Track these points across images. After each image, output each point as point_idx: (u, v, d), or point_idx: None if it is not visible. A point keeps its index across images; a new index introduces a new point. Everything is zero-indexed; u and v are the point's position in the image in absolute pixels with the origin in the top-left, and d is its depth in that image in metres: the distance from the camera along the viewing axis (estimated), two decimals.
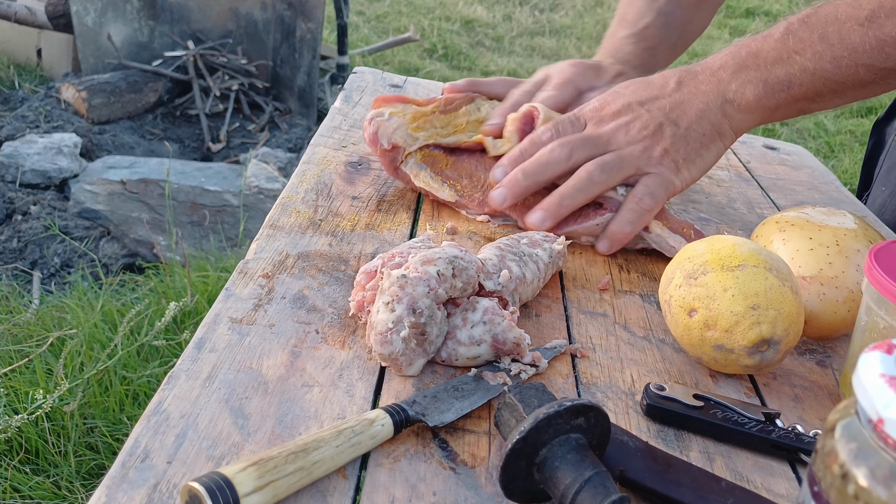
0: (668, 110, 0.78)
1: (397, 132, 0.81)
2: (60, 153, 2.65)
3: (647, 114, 0.78)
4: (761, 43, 0.77)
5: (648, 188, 0.77)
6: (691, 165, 0.79)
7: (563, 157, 0.77)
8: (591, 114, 0.81)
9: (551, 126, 0.80)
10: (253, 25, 3.46)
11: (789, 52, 0.75)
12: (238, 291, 0.63)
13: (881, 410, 0.34)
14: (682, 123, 0.78)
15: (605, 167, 0.76)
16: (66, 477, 1.51)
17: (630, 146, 0.77)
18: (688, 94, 0.79)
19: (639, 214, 0.77)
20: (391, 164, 0.83)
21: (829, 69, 0.74)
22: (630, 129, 0.78)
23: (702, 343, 0.60)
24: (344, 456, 0.47)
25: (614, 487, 0.43)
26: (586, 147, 0.78)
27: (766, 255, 0.61)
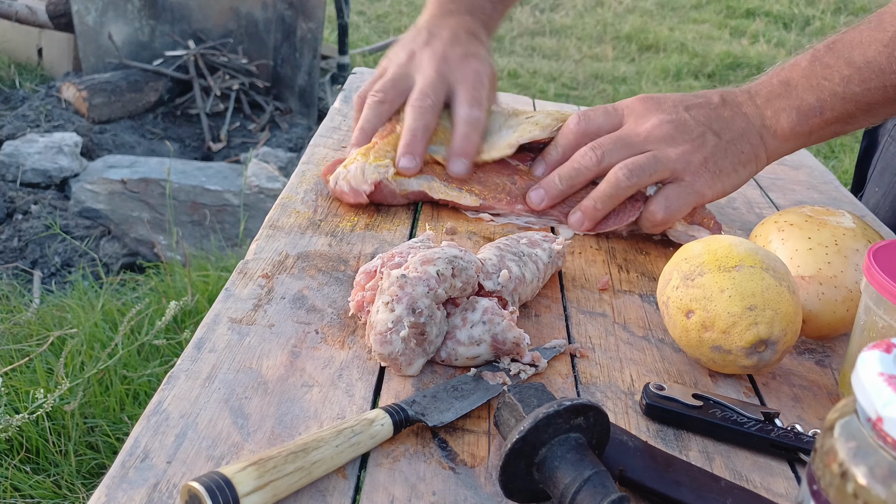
0: (713, 121, 0.78)
1: (367, 172, 0.79)
2: (61, 152, 2.66)
3: (692, 119, 0.78)
4: (790, 72, 0.79)
5: (667, 199, 0.77)
6: (725, 179, 0.78)
7: (594, 161, 0.78)
8: (633, 107, 0.80)
9: (581, 114, 0.81)
10: (253, 25, 3.46)
11: (818, 79, 0.76)
12: (238, 291, 0.63)
13: (880, 409, 0.34)
14: (724, 136, 0.78)
15: (634, 171, 0.76)
16: (67, 476, 1.51)
17: (669, 148, 0.77)
18: (731, 112, 0.79)
19: (650, 224, 0.79)
20: (391, 198, 0.81)
21: (858, 92, 0.75)
22: (672, 130, 0.77)
23: (700, 344, 0.60)
24: (343, 456, 0.47)
25: (614, 487, 0.44)
26: (620, 149, 0.78)
27: (762, 255, 0.61)
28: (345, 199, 0.80)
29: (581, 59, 5.19)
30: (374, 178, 0.78)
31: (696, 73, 5.07)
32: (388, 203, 0.82)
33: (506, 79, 4.67)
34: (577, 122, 0.81)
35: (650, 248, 0.82)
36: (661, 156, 0.77)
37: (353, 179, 0.79)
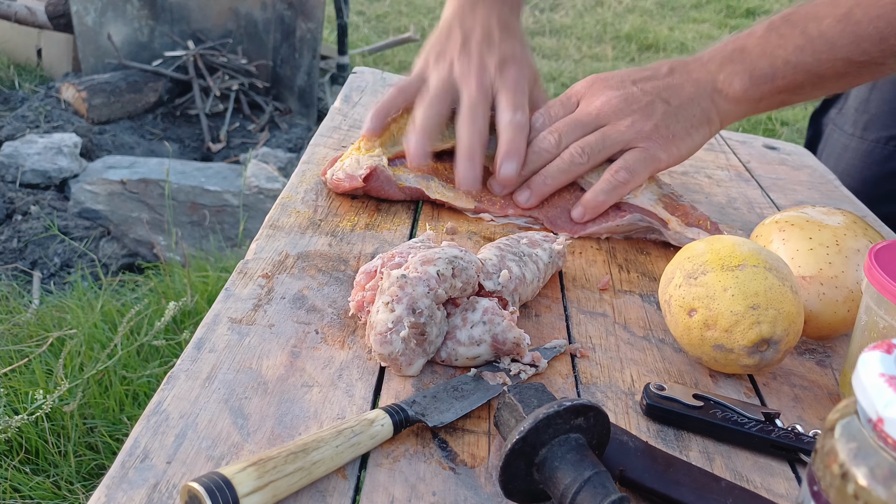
0: (661, 90, 0.81)
1: (361, 161, 0.81)
2: (60, 153, 2.66)
3: (640, 91, 0.81)
4: (745, 39, 0.82)
5: (627, 162, 0.80)
6: (680, 143, 0.81)
7: (553, 144, 0.81)
8: (583, 89, 0.84)
9: (544, 110, 0.84)
10: (253, 25, 3.46)
11: (772, 47, 0.79)
12: (238, 291, 0.63)
13: (881, 410, 0.34)
14: (673, 102, 0.81)
15: (586, 148, 0.80)
16: (66, 477, 1.51)
17: (619, 121, 0.80)
18: (679, 79, 0.82)
19: (613, 186, 0.80)
20: (389, 186, 0.81)
21: (809, 62, 0.78)
22: (620, 104, 0.80)
23: (701, 343, 0.60)
24: (343, 456, 0.47)
25: (614, 487, 0.43)
26: (575, 129, 0.81)
27: (765, 255, 0.61)
28: (341, 187, 0.81)
29: (581, 58, 5.19)
30: (370, 164, 0.80)
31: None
32: (385, 196, 0.82)
33: None
34: (541, 119, 0.83)
35: (651, 248, 0.82)
36: (610, 131, 0.80)
37: (348, 168, 0.81)
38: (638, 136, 0.80)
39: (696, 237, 0.80)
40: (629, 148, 0.80)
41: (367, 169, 0.80)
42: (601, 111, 0.81)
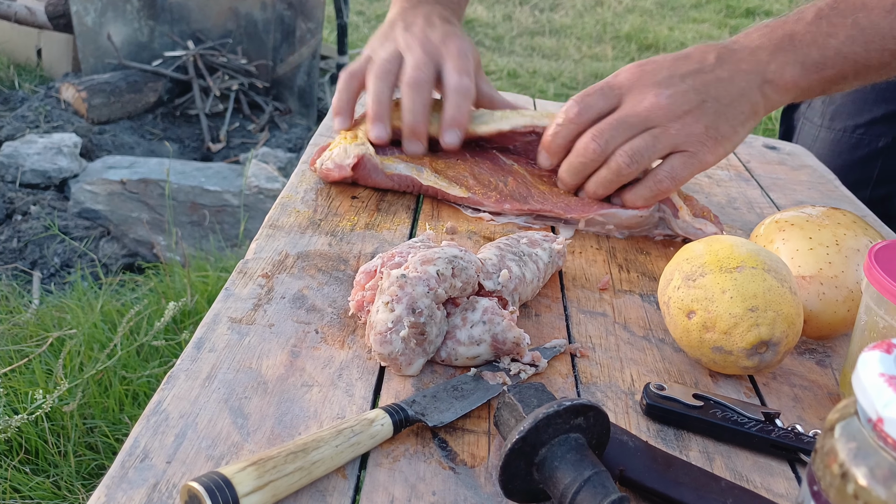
0: (711, 86, 0.78)
1: (349, 150, 0.82)
2: (60, 153, 2.65)
3: (690, 88, 0.78)
4: (794, 25, 0.79)
5: (673, 170, 0.78)
6: (727, 143, 0.79)
7: (599, 151, 0.78)
8: (628, 83, 0.80)
9: (580, 98, 0.80)
10: (253, 25, 3.46)
11: (823, 36, 0.78)
12: (238, 291, 0.63)
13: (881, 410, 0.34)
14: (724, 100, 0.78)
15: (634, 155, 0.77)
16: (66, 477, 1.51)
17: (669, 123, 0.77)
18: (729, 72, 0.79)
19: (654, 193, 0.79)
20: (376, 174, 0.83)
21: (860, 52, 0.78)
22: (671, 105, 0.77)
23: (701, 345, 0.60)
24: (343, 456, 0.47)
25: (614, 487, 0.43)
26: (621, 133, 0.78)
27: (764, 256, 0.61)
28: (330, 177, 0.82)
29: (581, 58, 5.19)
30: (357, 153, 0.81)
31: None
32: (373, 184, 0.83)
33: (505, 78, 4.67)
34: (576, 110, 0.80)
35: (651, 247, 0.82)
36: (660, 134, 0.77)
37: (336, 157, 0.82)
38: (688, 139, 0.77)
39: (702, 227, 0.80)
40: (677, 150, 0.78)
41: (354, 158, 0.81)
42: (650, 113, 0.77)
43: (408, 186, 0.84)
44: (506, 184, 0.84)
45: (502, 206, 0.82)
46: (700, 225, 0.81)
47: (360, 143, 0.83)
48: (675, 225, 0.82)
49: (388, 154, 0.85)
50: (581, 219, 0.82)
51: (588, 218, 0.81)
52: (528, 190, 0.84)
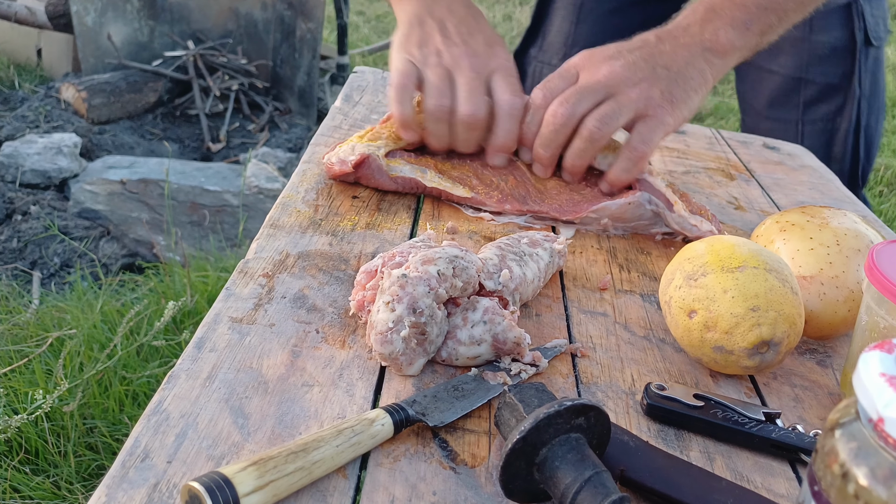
0: (657, 56, 0.83)
1: (356, 148, 0.83)
2: (60, 153, 2.65)
3: (640, 59, 0.83)
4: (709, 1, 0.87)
5: (642, 135, 0.82)
6: (683, 107, 0.83)
7: (568, 115, 0.81)
8: (581, 62, 0.84)
9: (542, 85, 0.84)
10: (253, 25, 3.46)
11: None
12: (238, 291, 0.63)
13: (881, 409, 0.34)
14: (672, 68, 0.83)
15: (603, 118, 0.81)
16: (66, 477, 1.51)
17: (627, 89, 0.81)
18: (670, 46, 0.85)
19: (634, 162, 0.82)
20: (380, 175, 0.83)
21: (776, 2, 0.85)
22: (626, 72, 0.82)
23: (702, 344, 0.60)
24: (344, 455, 0.47)
25: (614, 487, 0.43)
26: (587, 97, 0.81)
27: (766, 256, 0.61)
28: (332, 171, 0.83)
29: None
30: (363, 151, 0.82)
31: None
32: (375, 185, 0.84)
33: None
34: (541, 94, 0.83)
35: (651, 247, 0.82)
36: (623, 99, 0.81)
37: (342, 153, 0.83)
38: (648, 103, 0.81)
39: (698, 224, 0.81)
40: (639, 116, 0.81)
41: (358, 156, 0.81)
42: (609, 79, 0.81)
43: (411, 188, 0.84)
44: (507, 183, 0.85)
45: (503, 207, 0.83)
46: (696, 221, 0.81)
47: (371, 144, 0.83)
48: (670, 219, 0.82)
49: (395, 156, 0.85)
50: (576, 219, 0.82)
51: (582, 217, 0.82)
52: (526, 190, 0.84)
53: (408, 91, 0.83)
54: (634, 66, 0.82)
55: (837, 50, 1.24)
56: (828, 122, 1.26)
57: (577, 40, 1.30)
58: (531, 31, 1.40)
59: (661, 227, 0.84)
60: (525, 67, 1.40)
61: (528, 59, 1.40)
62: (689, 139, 1.18)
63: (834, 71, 1.23)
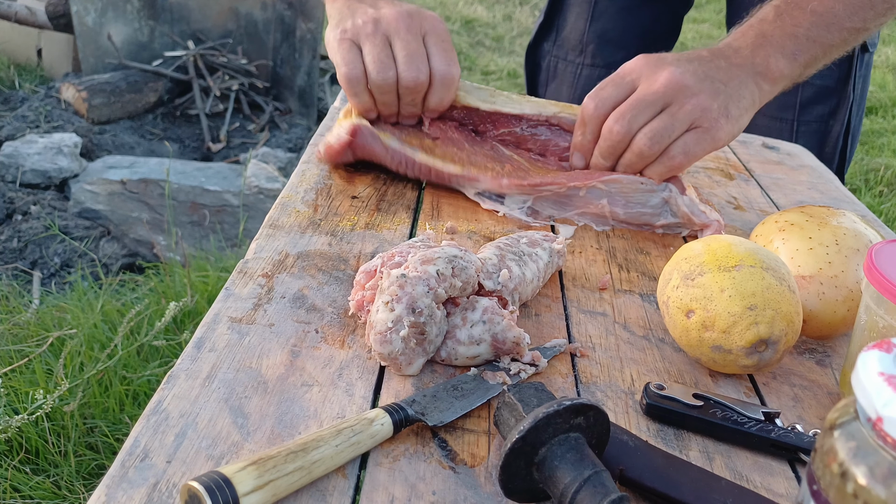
0: (714, 71, 0.83)
1: (343, 125, 0.85)
2: (60, 153, 2.65)
3: (699, 69, 0.82)
4: (761, 26, 0.87)
5: (687, 146, 0.81)
6: (735, 124, 0.83)
7: (625, 132, 0.81)
8: (639, 69, 0.83)
9: (595, 94, 0.84)
10: (253, 25, 3.46)
11: (791, 28, 0.86)
12: (238, 291, 0.63)
13: (880, 409, 0.34)
14: (729, 85, 0.83)
15: (654, 137, 0.80)
16: (67, 477, 1.51)
17: (686, 99, 0.80)
18: (725, 64, 0.84)
19: (668, 168, 0.82)
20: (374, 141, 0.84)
21: (824, 35, 0.86)
22: (687, 81, 0.81)
23: (700, 344, 0.60)
24: (343, 455, 0.47)
25: (614, 487, 0.43)
26: (644, 111, 0.81)
27: (763, 255, 0.61)
28: (331, 152, 0.85)
29: None
30: (351, 123, 0.84)
31: None
32: (371, 155, 0.85)
33: (506, 78, 4.67)
34: (593, 105, 0.83)
35: (650, 247, 0.82)
36: (677, 112, 0.80)
37: (333, 134, 0.85)
38: (704, 115, 0.80)
39: (706, 213, 0.82)
40: (693, 127, 0.81)
41: (350, 127, 0.83)
42: (668, 88, 0.80)
43: (401, 163, 0.85)
44: (503, 167, 0.86)
45: (500, 182, 0.83)
46: (704, 209, 0.82)
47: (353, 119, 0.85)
48: (680, 202, 0.83)
49: (382, 129, 0.87)
50: (584, 187, 0.82)
51: (590, 185, 0.82)
52: (525, 172, 0.85)
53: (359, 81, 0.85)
54: (695, 76, 0.81)
55: None
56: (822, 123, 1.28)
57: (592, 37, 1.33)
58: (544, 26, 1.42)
59: (667, 216, 0.84)
60: (539, 61, 1.42)
61: (542, 52, 1.42)
62: None
63: (831, 74, 1.24)
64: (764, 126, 1.30)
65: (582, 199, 0.83)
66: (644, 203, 0.83)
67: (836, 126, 1.27)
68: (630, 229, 0.86)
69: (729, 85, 0.82)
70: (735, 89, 0.82)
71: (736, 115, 0.82)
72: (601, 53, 1.35)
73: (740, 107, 0.83)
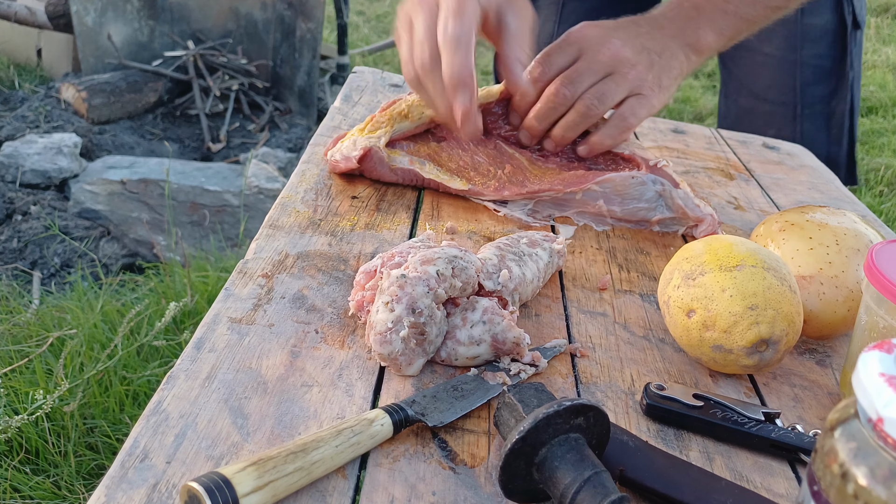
0: (647, 41, 0.88)
1: (357, 143, 0.84)
2: (60, 153, 2.65)
3: (635, 40, 0.87)
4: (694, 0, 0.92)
5: (633, 109, 0.87)
6: (667, 92, 0.89)
7: (569, 95, 0.85)
8: (582, 38, 0.87)
9: (542, 58, 0.87)
10: (253, 25, 3.46)
11: (722, 3, 0.90)
12: (237, 291, 0.63)
13: (881, 409, 0.34)
14: (663, 56, 0.88)
15: (600, 98, 0.85)
16: (66, 477, 1.51)
17: (627, 69, 0.86)
18: (660, 35, 0.89)
19: (620, 131, 0.87)
20: (382, 167, 0.84)
21: (750, 12, 0.91)
22: (629, 54, 0.86)
23: (701, 343, 0.60)
24: (343, 456, 0.47)
25: (614, 487, 0.43)
26: (588, 77, 0.86)
27: (764, 255, 0.61)
28: (337, 169, 0.85)
29: None
30: (364, 145, 0.83)
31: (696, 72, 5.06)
32: (378, 177, 0.85)
33: None
34: (540, 69, 0.87)
35: (650, 247, 0.82)
36: (620, 79, 0.86)
37: (345, 150, 0.84)
38: (642, 84, 0.86)
39: (701, 206, 0.83)
40: (632, 94, 0.86)
41: (361, 150, 0.83)
42: (612, 59, 0.85)
43: (410, 180, 0.86)
44: (503, 170, 0.86)
45: (502, 193, 0.84)
46: (700, 203, 0.84)
47: (372, 137, 0.85)
48: (675, 195, 0.83)
49: (395, 147, 0.87)
50: (579, 191, 0.83)
51: (585, 189, 0.83)
52: (524, 175, 0.86)
53: None
54: (633, 48, 0.86)
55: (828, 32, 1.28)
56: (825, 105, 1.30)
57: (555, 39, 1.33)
58: None
59: (662, 211, 0.84)
60: None
61: None
62: (688, 139, 1.17)
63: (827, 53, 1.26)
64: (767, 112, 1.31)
65: (579, 201, 0.84)
66: (639, 198, 0.84)
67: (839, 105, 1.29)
68: (630, 229, 0.85)
69: (662, 56, 0.87)
70: (667, 60, 0.88)
71: (667, 85, 0.88)
72: None
73: (670, 76, 0.88)
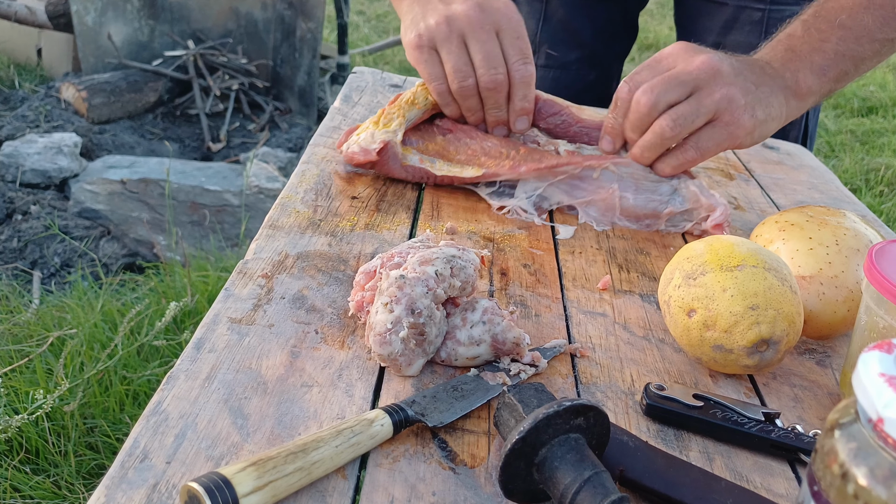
0: (748, 69, 0.81)
1: (375, 136, 0.84)
2: (60, 153, 2.65)
3: (737, 64, 0.81)
4: (789, 41, 0.85)
5: (699, 141, 0.80)
6: (760, 126, 0.81)
7: (651, 104, 0.79)
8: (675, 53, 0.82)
9: (629, 80, 0.83)
10: (253, 25, 3.46)
11: (818, 42, 0.84)
12: (237, 291, 0.63)
13: (881, 410, 0.34)
14: (762, 87, 0.81)
15: (678, 120, 0.79)
16: (67, 477, 1.51)
17: (716, 86, 0.78)
18: (759, 71, 0.82)
19: (681, 164, 0.82)
20: (395, 162, 0.85)
21: (854, 48, 0.84)
22: (721, 67, 0.79)
23: (701, 343, 0.60)
24: (343, 456, 0.47)
25: (614, 487, 0.43)
26: (674, 89, 0.79)
27: (764, 255, 0.61)
28: (355, 160, 0.85)
29: None
30: (383, 139, 0.84)
31: None
32: (388, 172, 0.86)
33: None
34: (628, 87, 0.82)
35: (650, 247, 0.82)
36: (704, 98, 0.78)
37: (363, 142, 0.85)
38: (731, 106, 0.79)
39: (715, 196, 0.83)
40: (716, 118, 0.79)
41: (380, 143, 0.83)
42: (701, 71, 0.79)
43: (421, 178, 0.86)
44: (518, 151, 0.86)
45: (519, 170, 0.83)
46: (714, 193, 0.83)
47: (389, 130, 0.85)
48: (690, 184, 0.83)
49: (407, 144, 0.87)
50: (598, 167, 0.83)
51: (605, 165, 0.83)
52: (540, 154, 0.85)
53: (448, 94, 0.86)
54: (731, 67, 0.80)
55: None
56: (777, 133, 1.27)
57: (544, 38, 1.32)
58: None
59: (675, 204, 0.84)
60: None
61: None
62: None
63: None
64: None
65: (594, 182, 0.83)
66: (654, 190, 0.84)
67: (791, 132, 1.25)
68: (630, 229, 0.85)
69: (760, 88, 0.80)
70: (765, 95, 0.81)
71: (761, 118, 0.80)
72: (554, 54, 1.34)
73: (767, 112, 0.81)
